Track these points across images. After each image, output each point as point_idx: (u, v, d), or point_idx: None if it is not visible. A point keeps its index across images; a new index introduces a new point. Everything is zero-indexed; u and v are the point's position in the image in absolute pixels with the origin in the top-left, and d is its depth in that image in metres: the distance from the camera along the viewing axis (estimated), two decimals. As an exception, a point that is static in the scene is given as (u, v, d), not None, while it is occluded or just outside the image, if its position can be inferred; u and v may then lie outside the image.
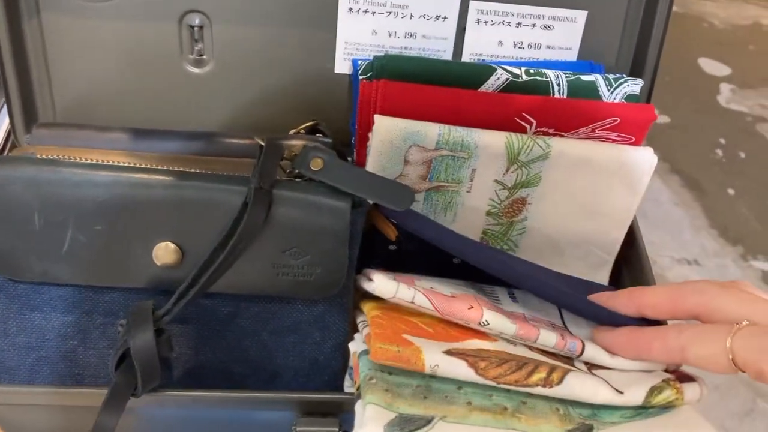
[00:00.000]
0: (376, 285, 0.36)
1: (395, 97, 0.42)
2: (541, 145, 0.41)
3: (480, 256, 0.40)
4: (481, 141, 0.41)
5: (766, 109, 1.50)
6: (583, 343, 0.38)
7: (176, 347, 0.40)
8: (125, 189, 0.37)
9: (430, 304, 0.37)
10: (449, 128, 0.41)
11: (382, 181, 0.37)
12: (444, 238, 0.39)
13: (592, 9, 0.46)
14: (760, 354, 0.31)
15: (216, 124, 0.49)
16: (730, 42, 1.62)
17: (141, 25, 0.47)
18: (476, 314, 0.37)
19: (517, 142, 0.41)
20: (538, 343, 0.38)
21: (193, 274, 0.36)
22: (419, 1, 0.46)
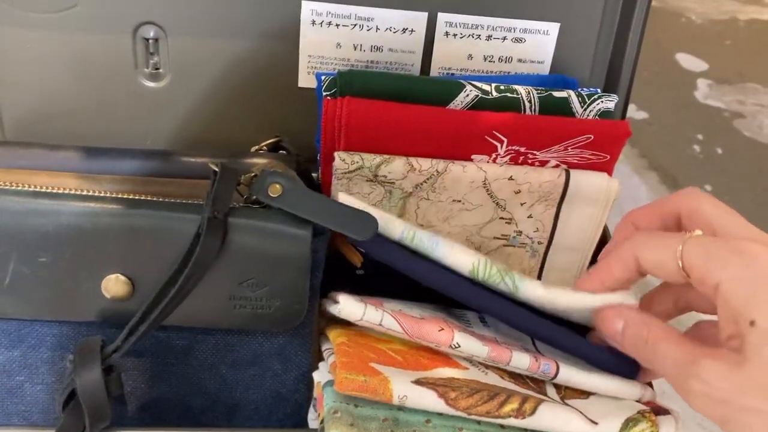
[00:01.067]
0: (342, 307, 0.35)
1: (360, 114, 0.40)
2: (509, 283, 0.37)
3: (452, 286, 0.38)
4: (444, 257, 0.37)
5: (743, 104, 1.51)
6: (557, 365, 0.37)
7: (130, 381, 0.38)
8: (71, 218, 0.35)
9: (399, 327, 0.35)
10: (414, 232, 0.37)
11: (344, 209, 0.35)
12: (413, 267, 0.38)
13: (564, 21, 0.45)
14: (706, 258, 0.32)
15: (174, 140, 0.47)
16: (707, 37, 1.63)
17: (93, 37, 0.44)
18: (447, 337, 0.35)
19: (483, 271, 0.37)
20: (510, 365, 0.36)
21: (143, 308, 0.34)
22: (385, 13, 0.44)
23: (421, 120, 0.40)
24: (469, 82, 0.42)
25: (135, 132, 0.47)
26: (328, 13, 0.44)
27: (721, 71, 1.46)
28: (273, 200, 0.35)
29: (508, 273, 0.37)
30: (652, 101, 1.50)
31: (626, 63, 0.45)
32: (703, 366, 0.30)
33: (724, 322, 0.31)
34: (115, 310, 0.36)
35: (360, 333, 0.38)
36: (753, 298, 0.30)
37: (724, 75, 1.47)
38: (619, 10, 0.45)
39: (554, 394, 0.38)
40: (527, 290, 0.37)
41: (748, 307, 0.30)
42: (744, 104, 1.38)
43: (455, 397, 0.34)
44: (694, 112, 1.44)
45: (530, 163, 0.42)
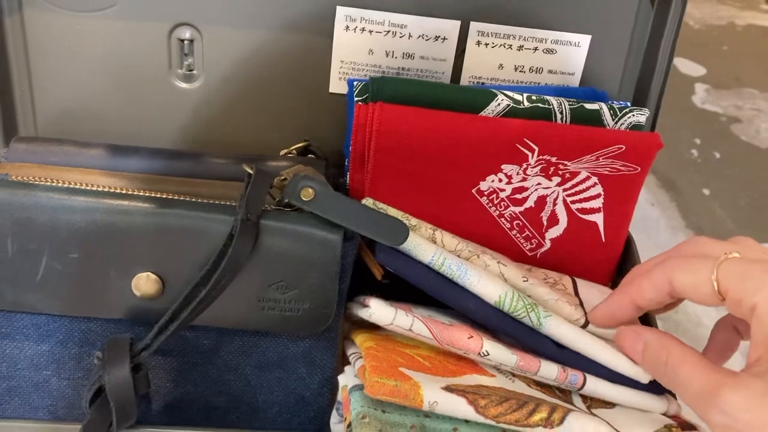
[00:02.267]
0: (373, 311, 0.35)
1: (392, 120, 0.40)
2: (533, 320, 0.37)
3: (478, 312, 0.38)
4: (472, 286, 0.37)
5: (740, 109, 1.51)
6: (585, 376, 0.37)
7: (156, 380, 0.38)
8: (104, 216, 0.35)
9: (429, 333, 0.35)
10: (444, 258, 0.37)
11: (375, 215, 0.36)
12: (440, 290, 0.37)
13: (596, 34, 0.45)
14: (741, 282, 0.31)
15: (205, 141, 0.47)
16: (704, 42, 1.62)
17: (129, 37, 0.45)
18: (476, 344, 0.36)
19: (509, 304, 0.37)
20: (539, 375, 0.36)
21: (173, 308, 0.34)
22: (418, 20, 0.44)
23: (452, 127, 0.40)
24: (501, 92, 0.42)
25: (166, 132, 0.47)
26: (362, 18, 0.44)
27: (719, 76, 1.46)
28: (305, 204, 0.36)
29: (534, 308, 0.37)
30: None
31: (656, 76, 0.45)
32: (724, 397, 0.30)
33: (755, 344, 0.31)
34: (144, 309, 0.36)
35: (386, 338, 0.38)
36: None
37: (721, 80, 1.47)
38: (650, 23, 0.45)
39: (581, 404, 0.38)
40: (551, 328, 0.37)
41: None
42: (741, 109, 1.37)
43: (485, 404, 0.33)
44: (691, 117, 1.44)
45: (561, 174, 0.42)
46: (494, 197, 0.42)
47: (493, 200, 0.42)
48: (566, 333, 0.37)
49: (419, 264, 0.37)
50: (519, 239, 0.43)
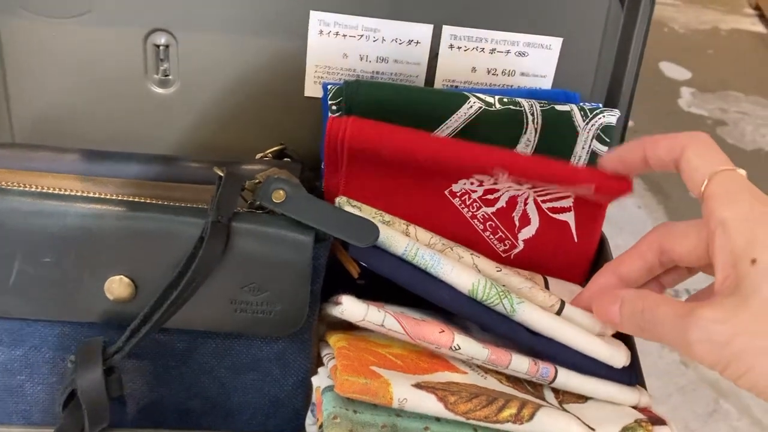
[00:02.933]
0: (345, 307, 0.35)
1: (363, 135, 0.40)
2: (507, 306, 0.37)
3: (451, 301, 0.38)
4: (445, 275, 0.37)
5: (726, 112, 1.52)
6: (556, 369, 0.38)
7: (130, 383, 0.38)
8: (76, 220, 0.35)
9: (400, 327, 0.36)
10: (417, 249, 0.37)
11: (346, 216, 0.36)
12: (413, 281, 0.38)
13: (567, 36, 0.45)
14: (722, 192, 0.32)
15: (181, 146, 0.47)
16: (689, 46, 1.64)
17: (104, 43, 0.45)
18: (447, 338, 0.36)
19: (482, 292, 0.37)
20: (510, 368, 0.37)
21: (145, 311, 0.35)
22: (391, 24, 0.45)
23: (424, 148, 0.40)
24: (473, 94, 0.42)
25: (143, 137, 0.47)
26: (335, 23, 0.45)
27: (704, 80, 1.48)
28: (276, 206, 0.36)
29: (507, 295, 0.38)
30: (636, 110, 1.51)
31: (627, 77, 0.45)
32: (700, 314, 0.30)
33: (721, 264, 0.31)
34: (117, 312, 0.36)
35: (360, 338, 0.38)
36: (756, 238, 0.30)
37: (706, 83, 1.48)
38: (621, 25, 0.45)
39: (552, 399, 0.38)
40: (524, 314, 0.38)
41: (750, 245, 0.30)
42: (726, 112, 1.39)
43: (454, 401, 0.34)
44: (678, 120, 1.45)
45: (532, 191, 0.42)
46: (466, 198, 0.42)
47: (465, 201, 0.43)
48: (540, 319, 0.38)
49: (392, 256, 0.37)
50: (492, 241, 0.44)
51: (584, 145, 0.43)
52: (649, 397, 0.39)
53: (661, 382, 1.13)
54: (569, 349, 0.38)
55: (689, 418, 1.09)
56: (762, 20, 1.88)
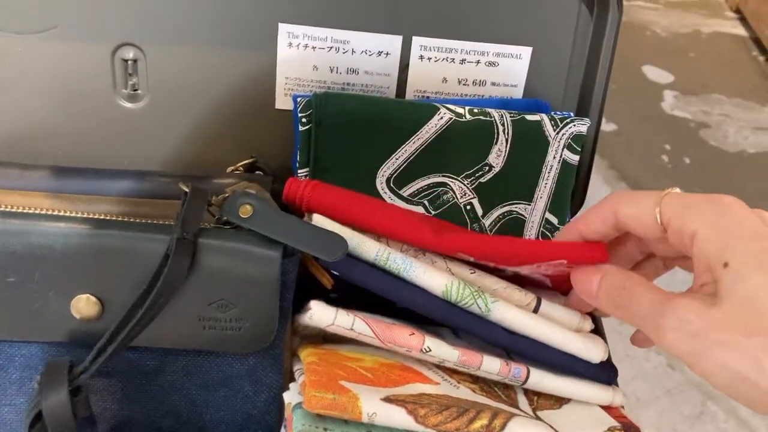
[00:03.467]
0: (313, 312, 0.35)
1: (320, 208, 0.38)
2: (481, 306, 0.37)
3: (425, 304, 0.38)
4: (418, 278, 0.37)
5: (708, 115, 1.54)
6: (528, 369, 0.38)
7: (100, 402, 0.38)
8: (40, 239, 0.35)
9: (370, 331, 0.36)
10: (388, 253, 0.37)
11: (314, 230, 0.36)
12: (386, 286, 0.37)
13: (536, 46, 0.45)
14: (683, 209, 0.33)
15: (152, 161, 0.47)
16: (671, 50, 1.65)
17: (72, 58, 0.45)
18: (418, 341, 0.36)
19: (456, 293, 0.37)
20: (482, 369, 0.37)
21: (111, 329, 0.34)
22: (361, 36, 0.45)
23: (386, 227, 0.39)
24: (444, 105, 0.42)
25: (113, 153, 0.47)
26: (304, 35, 0.44)
27: (686, 83, 1.49)
28: (243, 221, 0.36)
29: (481, 295, 0.37)
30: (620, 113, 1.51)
31: (598, 85, 0.45)
32: (676, 303, 0.31)
33: (698, 270, 0.32)
34: (84, 331, 0.36)
35: (331, 352, 0.38)
36: (726, 241, 0.31)
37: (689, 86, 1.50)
38: (590, 33, 0.45)
39: (526, 406, 0.38)
40: (499, 313, 0.38)
41: (721, 249, 0.31)
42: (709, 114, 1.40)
43: (425, 413, 0.34)
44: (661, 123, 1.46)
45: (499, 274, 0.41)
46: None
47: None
48: (515, 317, 0.38)
49: (364, 263, 0.37)
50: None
51: (555, 154, 0.43)
52: (623, 396, 0.39)
53: (648, 385, 1.13)
54: (546, 346, 0.38)
55: (677, 421, 1.09)
56: (742, 23, 1.90)
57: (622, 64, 1.61)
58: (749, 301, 0.29)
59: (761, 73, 1.74)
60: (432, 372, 0.38)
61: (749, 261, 0.30)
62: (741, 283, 0.30)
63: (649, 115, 1.52)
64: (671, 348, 0.31)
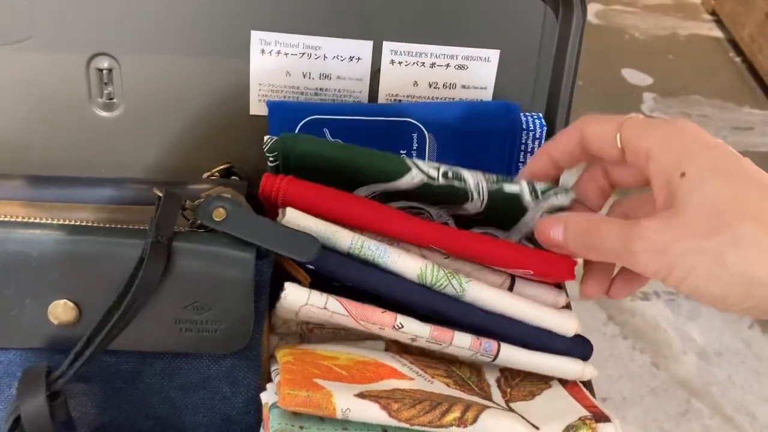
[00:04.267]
0: (287, 293, 0.36)
1: (296, 202, 0.38)
2: (456, 286, 0.38)
3: (401, 290, 0.38)
4: (393, 263, 0.38)
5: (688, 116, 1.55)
6: (499, 344, 0.38)
7: (79, 407, 0.38)
8: (16, 246, 0.35)
9: (343, 309, 0.36)
10: (362, 241, 0.38)
11: (286, 231, 0.36)
12: (361, 275, 0.38)
13: (504, 48, 0.46)
14: (639, 130, 0.34)
15: (128, 169, 0.48)
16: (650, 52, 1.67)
17: (47, 69, 0.45)
18: (390, 318, 0.37)
19: (430, 275, 0.38)
20: (453, 344, 0.38)
21: (88, 334, 0.35)
22: (332, 42, 0.45)
23: (359, 222, 0.39)
24: (415, 164, 0.39)
25: (89, 162, 0.47)
26: (276, 42, 0.45)
27: (665, 84, 1.51)
28: (217, 224, 0.36)
29: (455, 276, 0.38)
30: None
31: (565, 85, 0.46)
32: (641, 225, 0.32)
33: (657, 188, 0.33)
34: (62, 336, 0.36)
35: (307, 352, 0.38)
36: (681, 154, 0.32)
37: (668, 88, 1.51)
38: (556, 35, 0.46)
39: (499, 398, 0.39)
40: (474, 292, 0.38)
41: (677, 161, 0.32)
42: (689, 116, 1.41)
43: (398, 408, 0.34)
44: (641, 125, 1.47)
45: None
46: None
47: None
48: (489, 295, 0.38)
49: (337, 254, 0.37)
50: None
51: (531, 219, 0.41)
52: (593, 370, 0.40)
53: (633, 384, 1.14)
54: (521, 323, 0.39)
55: (662, 419, 1.10)
56: (719, 25, 1.92)
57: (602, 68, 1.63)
58: (706, 205, 0.31)
59: (738, 74, 1.76)
60: (406, 368, 0.39)
61: (704, 168, 0.31)
62: (697, 190, 0.31)
63: (630, 118, 1.54)
64: (646, 270, 0.32)
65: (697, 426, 1.05)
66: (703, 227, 0.31)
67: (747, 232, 0.30)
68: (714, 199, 0.31)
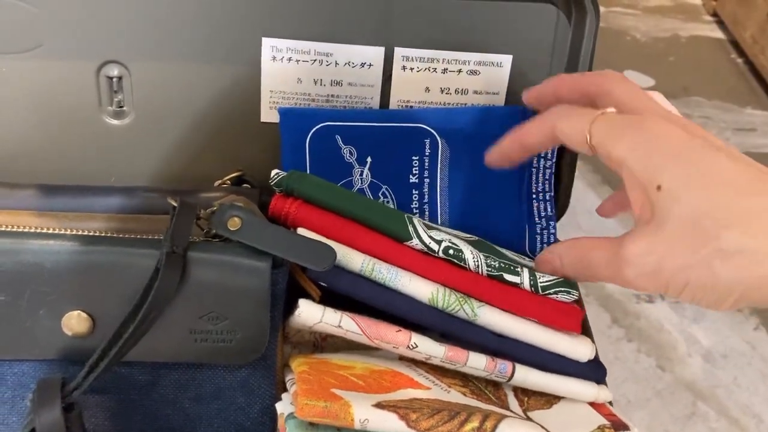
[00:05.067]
0: (302, 310, 0.36)
1: (306, 225, 0.39)
2: (468, 312, 0.38)
3: (412, 311, 0.38)
4: (404, 287, 0.38)
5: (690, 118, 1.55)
6: (514, 365, 0.38)
7: (93, 419, 0.38)
8: (30, 257, 0.35)
9: (357, 328, 0.36)
10: (373, 264, 0.37)
11: (302, 241, 0.36)
12: (373, 295, 0.38)
13: (517, 53, 0.46)
14: (608, 134, 0.34)
15: (139, 177, 0.47)
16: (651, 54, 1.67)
17: (58, 76, 0.45)
18: (404, 337, 0.37)
19: (442, 300, 0.38)
20: (468, 365, 0.37)
21: (103, 345, 0.34)
22: (344, 48, 0.45)
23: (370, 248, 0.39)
24: (418, 234, 0.39)
25: (99, 170, 0.47)
26: (287, 49, 0.45)
27: (667, 86, 1.50)
28: (232, 233, 0.36)
29: (467, 300, 0.38)
30: None
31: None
32: (626, 251, 0.32)
33: (633, 196, 0.33)
34: (76, 348, 0.36)
35: (322, 361, 0.38)
36: (655, 165, 0.32)
37: (669, 90, 1.51)
38: (569, 39, 0.46)
39: (517, 407, 0.38)
40: (486, 317, 0.38)
41: (651, 173, 0.32)
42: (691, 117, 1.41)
43: (416, 418, 0.34)
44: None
45: None
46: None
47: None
48: (502, 320, 0.38)
49: (350, 273, 0.37)
50: None
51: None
52: (609, 393, 0.40)
53: (638, 387, 1.13)
54: (535, 348, 0.39)
55: (668, 422, 1.10)
56: (720, 26, 1.92)
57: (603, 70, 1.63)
58: (687, 220, 0.30)
59: (740, 75, 1.76)
60: (423, 377, 0.38)
61: (679, 180, 0.31)
62: (676, 203, 0.31)
63: (632, 120, 1.55)
64: (647, 290, 0.33)
65: (702, 428, 1.05)
66: (688, 242, 0.31)
67: (731, 240, 0.30)
68: (693, 212, 0.30)
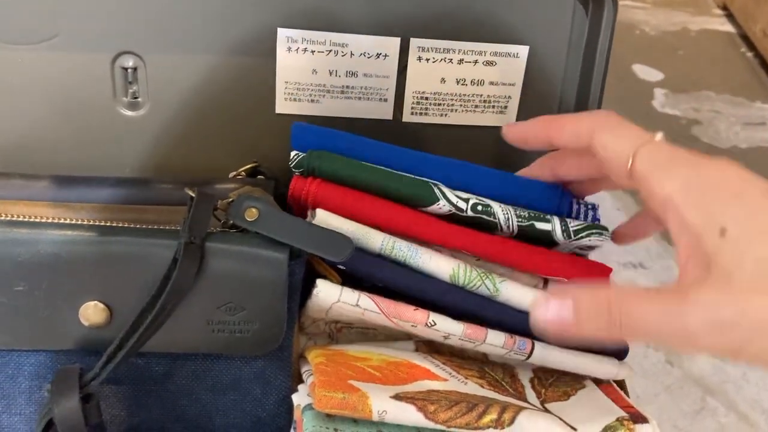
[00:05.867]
0: (320, 289, 0.36)
1: (326, 204, 0.38)
2: (489, 287, 0.37)
3: (433, 290, 0.38)
4: (424, 264, 0.37)
5: (699, 112, 1.54)
6: (533, 342, 0.38)
7: (109, 409, 0.38)
8: (48, 247, 0.35)
9: (375, 306, 0.36)
10: (393, 242, 0.37)
11: (319, 231, 0.36)
12: (393, 276, 0.38)
13: (533, 44, 0.46)
14: (658, 167, 0.29)
15: (153, 168, 0.47)
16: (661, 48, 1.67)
17: (72, 67, 0.45)
18: (422, 315, 0.37)
19: (463, 276, 0.37)
20: (486, 342, 0.37)
21: (121, 335, 0.34)
22: (359, 39, 0.45)
23: (390, 224, 0.38)
24: (443, 194, 0.39)
25: (114, 161, 0.47)
26: (303, 39, 0.45)
27: (676, 80, 1.49)
28: (249, 224, 0.36)
29: (488, 276, 0.38)
30: None
31: (595, 81, 0.46)
32: (697, 297, 0.26)
33: (683, 244, 0.27)
34: (93, 338, 0.36)
35: (338, 352, 0.38)
36: (715, 208, 0.27)
37: (679, 84, 1.50)
38: (586, 30, 0.46)
39: (534, 399, 0.38)
40: (508, 292, 0.38)
41: (711, 217, 0.27)
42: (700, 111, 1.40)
43: (434, 410, 0.34)
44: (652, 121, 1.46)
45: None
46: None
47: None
48: (524, 296, 0.38)
49: (369, 255, 0.37)
50: None
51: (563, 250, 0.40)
52: (630, 369, 0.40)
53: (647, 382, 1.13)
54: None
55: (677, 417, 1.10)
56: (730, 20, 1.91)
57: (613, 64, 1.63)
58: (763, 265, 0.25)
59: (749, 69, 1.75)
60: (439, 369, 0.38)
61: (748, 224, 0.26)
62: (749, 251, 0.25)
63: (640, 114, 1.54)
64: (711, 349, 0.26)
65: (711, 423, 1.05)
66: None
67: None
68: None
